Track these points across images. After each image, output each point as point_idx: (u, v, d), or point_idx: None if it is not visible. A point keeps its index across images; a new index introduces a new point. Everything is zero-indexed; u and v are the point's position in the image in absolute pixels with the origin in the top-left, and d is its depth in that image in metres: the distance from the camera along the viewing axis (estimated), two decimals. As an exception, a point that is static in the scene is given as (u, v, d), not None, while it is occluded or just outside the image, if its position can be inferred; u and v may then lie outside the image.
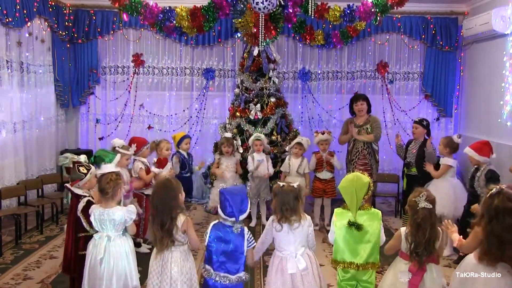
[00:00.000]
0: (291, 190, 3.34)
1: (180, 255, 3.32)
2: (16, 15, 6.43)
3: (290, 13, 6.66)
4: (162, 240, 3.25)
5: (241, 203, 3.16)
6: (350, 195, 3.39)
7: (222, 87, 8.32)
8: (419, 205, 3.08)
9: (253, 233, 6.11)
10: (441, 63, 8.10)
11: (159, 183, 3.45)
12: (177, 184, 3.40)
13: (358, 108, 6.32)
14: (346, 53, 8.26)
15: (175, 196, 3.32)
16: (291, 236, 3.33)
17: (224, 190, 3.21)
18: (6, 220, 6.06)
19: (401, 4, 6.39)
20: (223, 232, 3.19)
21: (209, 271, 3.17)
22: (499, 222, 2.80)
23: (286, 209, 3.30)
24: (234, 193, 3.20)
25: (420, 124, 6.11)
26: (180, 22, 6.62)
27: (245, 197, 3.22)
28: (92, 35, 8.08)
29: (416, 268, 3.11)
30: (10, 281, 4.57)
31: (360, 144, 6.29)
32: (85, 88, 8.20)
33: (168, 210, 3.25)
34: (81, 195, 3.96)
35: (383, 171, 7.96)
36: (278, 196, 3.37)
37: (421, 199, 3.09)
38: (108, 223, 3.52)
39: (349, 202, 3.41)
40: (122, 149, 5.02)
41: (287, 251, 3.35)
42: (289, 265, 3.29)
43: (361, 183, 3.38)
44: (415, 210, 3.10)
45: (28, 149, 7.03)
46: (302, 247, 3.38)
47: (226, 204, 3.13)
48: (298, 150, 6.24)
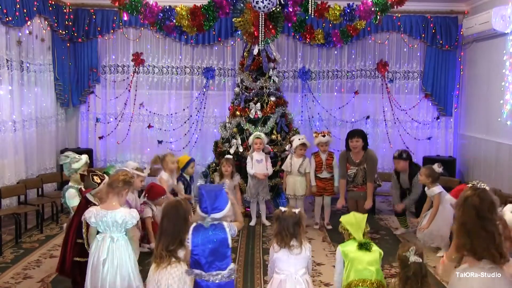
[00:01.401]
0: (292, 216, 3.34)
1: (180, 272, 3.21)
2: (16, 14, 6.43)
3: (290, 12, 6.66)
4: (163, 258, 3.18)
5: (216, 200, 3.16)
6: (354, 226, 3.47)
7: (222, 86, 8.32)
8: (409, 260, 3.08)
9: (253, 233, 6.16)
10: (441, 62, 8.10)
11: (170, 205, 3.35)
12: (187, 207, 3.35)
13: (353, 145, 6.08)
14: (346, 52, 8.26)
15: (185, 219, 3.27)
16: (291, 259, 3.33)
17: (202, 186, 3.26)
18: (6, 219, 6.07)
19: (401, 3, 6.39)
20: (204, 233, 3.16)
21: (200, 274, 3.14)
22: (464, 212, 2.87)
23: (286, 234, 3.31)
24: (211, 189, 3.23)
25: (401, 158, 6.04)
26: (180, 21, 6.61)
27: (222, 196, 3.20)
28: (92, 34, 8.08)
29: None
30: (10, 280, 4.58)
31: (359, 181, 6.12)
32: (85, 87, 8.20)
33: (177, 233, 3.21)
34: (92, 202, 3.97)
35: (384, 170, 7.96)
36: (278, 221, 3.38)
37: (411, 253, 3.08)
38: (111, 224, 3.52)
39: (354, 230, 3.46)
40: (136, 171, 4.95)
41: (287, 271, 3.34)
42: (288, 285, 3.29)
43: (360, 217, 3.50)
44: (405, 264, 3.09)
45: (28, 148, 7.03)
46: (303, 268, 3.38)
47: (201, 199, 3.15)
48: (302, 151, 6.25)
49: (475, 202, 2.84)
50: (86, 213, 3.58)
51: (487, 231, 2.81)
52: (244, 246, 5.65)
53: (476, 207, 2.83)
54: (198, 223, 3.20)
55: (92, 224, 3.59)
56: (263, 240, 5.86)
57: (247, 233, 6.15)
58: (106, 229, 3.54)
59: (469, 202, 2.86)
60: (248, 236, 6.05)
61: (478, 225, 2.82)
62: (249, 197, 6.42)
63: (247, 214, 6.66)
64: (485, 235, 2.80)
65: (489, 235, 2.80)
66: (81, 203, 4.10)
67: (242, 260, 5.21)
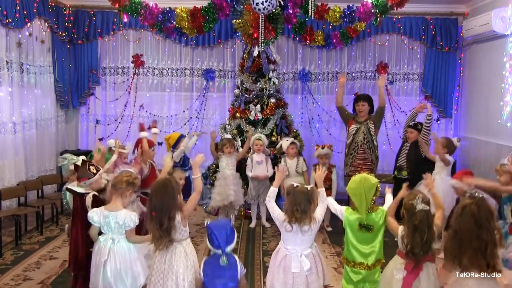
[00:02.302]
0: (304, 192, 3.33)
1: (184, 249, 3.35)
2: (16, 16, 6.43)
3: (290, 14, 6.65)
4: (161, 239, 3.27)
5: (227, 236, 3.14)
6: (359, 197, 3.41)
7: (222, 88, 8.32)
8: (416, 208, 3.10)
9: (253, 234, 6.15)
10: (441, 64, 8.10)
11: (158, 183, 3.44)
12: (176, 184, 3.42)
13: (359, 109, 6.34)
14: (346, 54, 8.26)
15: (174, 196, 3.32)
16: (298, 237, 3.34)
17: (211, 225, 3.20)
18: (6, 220, 6.05)
19: (401, 5, 6.39)
20: (216, 266, 3.14)
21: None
22: (461, 221, 2.89)
23: (297, 210, 3.30)
24: (220, 227, 3.18)
25: (415, 128, 6.14)
26: (180, 22, 6.62)
27: (231, 230, 3.19)
28: (92, 35, 8.08)
29: (411, 266, 3.15)
30: (10, 282, 4.57)
31: (359, 138, 6.24)
32: (85, 88, 8.20)
33: (167, 210, 3.26)
34: (84, 192, 3.97)
35: (383, 172, 7.96)
36: (290, 196, 3.36)
37: (418, 201, 3.12)
38: (113, 225, 3.52)
39: (358, 203, 3.43)
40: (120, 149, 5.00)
41: (293, 249, 3.35)
42: (293, 264, 3.31)
43: (369, 185, 3.41)
44: (413, 213, 3.12)
45: (28, 149, 7.03)
46: (309, 248, 3.38)
47: (213, 238, 3.13)
48: (294, 151, 6.25)
49: (474, 210, 2.86)
50: (90, 212, 3.59)
51: (481, 240, 2.83)
52: (244, 248, 5.65)
53: (475, 215, 2.86)
54: (210, 257, 3.19)
55: (95, 224, 3.59)
56: (263, 242, 5.85)
57: (247, 235, 6.15)
58: (108, 230, 3.55)
59: (468, 211, 2.88)
60: (248, 237, 6.05)
61: (473, 233, 2.84)
62: (249, 199, 6.42)
63: (247, 216, 6.66)
64: (477, 245, 2.83)
65: (481, 245, 2.83)
66: (76, 200, 4.08)
67: (242, 261, 5.19)
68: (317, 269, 3.38)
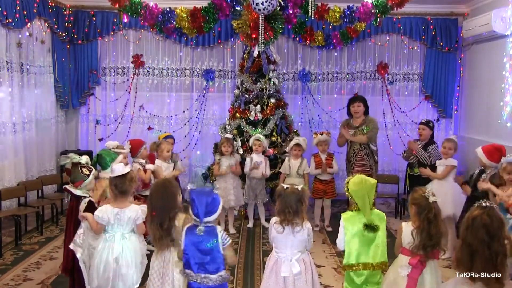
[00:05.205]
0: (295, 193, 3.33)
1: None
2: (16, 16, 6.43)
3: (290, 14, 6.65)
4: (162, 239, 3.27)
5: (207, 205, 3.08)
6: (362, 198, 3.41)
7: (222, 88, 8.32)
8: (430, 199, 3.14)
9: (253, 234, 6.15)
10: (441, 64, 8.10)
11: (158, 183, 3.45)
12: (176, 185, 3.43)
13: (354, 110, 6.32)
14: (346, 54, 8.26)
15: (174, 196, 3.33)
16: (289, 239, 3.34)
17: (193, 191, 3.15)
18: (6, 221, 6.05)
19: (401, 5, 6.39)
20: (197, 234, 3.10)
21: (189, 274, 3.11)
22: (473, 232, 2.83)
23: (288, 211, 3.29)
24: (201, 195, 3.12)
25: (427, 125, 6.11)
26: (180, 23, 6.62)
27: (213, 200, 3.12)
28: (92, 36, 8.08)
29: (416, 261, 3.17)
30: (10, 282, 4.57)
31: (356, 146, 6.28)
32: (85, 89, 8.20)
33: (167, 210, 3.27)
34: (82, 196, 3.96)
35: (383, 172, 7.96)
36: (281, 198, 3.36)
37: (429, 194, 3.16)
38: (126, 221, 3.51)
39: (361, 204, 3.42)
40: (117, 149, 4.99)
41: (283, 253, 3.36)
42: (283, 268, 3.31)
43: (369, 185, 3.43)
44: (425, 207, 3.15)
45: (28, 150, 7.02)
46: (299, 252, 3.38)
47: (192, 204, 3.10)
48: (297, 152, 6.24)
49: (485, 220, 2.80)
50: (98, 212, 3.53)
51: (491, 250, 2.78)
52: (244, 248, 5.65)
53: (487, 225, 2.79)
54: (192, 224, 3.18)
55: (102, 223, 3.51)
56: (263, 242, 5.85)
57: (247, 235, 6.15)
58: (119, 227, 3.52)
59: (479, 222, 2.81)
60: (248, 237, 6.05)
61: (485, 244, 2.78)
62: (246, 198, 6.41)
63: (247, 216, 6.66)
64: (488, 255, 2.77)
65: (492, 255, 2.77)
66: (72, 202, 4.06)
67: (242, 261, 5.20)
68: (306, 276, 3.35)
